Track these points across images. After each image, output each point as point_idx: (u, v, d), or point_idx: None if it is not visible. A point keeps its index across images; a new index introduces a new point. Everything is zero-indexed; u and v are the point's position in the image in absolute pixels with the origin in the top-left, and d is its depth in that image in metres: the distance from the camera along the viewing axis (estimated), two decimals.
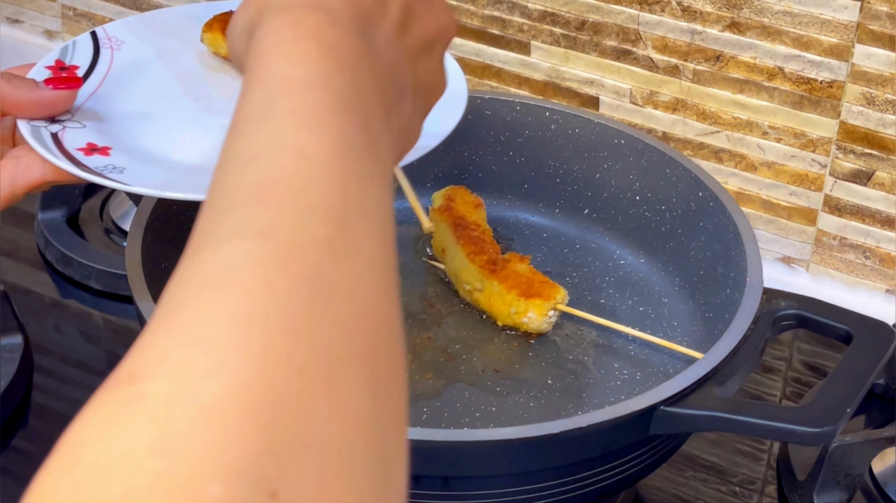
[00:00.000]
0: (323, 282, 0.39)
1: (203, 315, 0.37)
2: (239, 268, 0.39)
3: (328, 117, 0.45)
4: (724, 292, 0.86)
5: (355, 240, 0.41)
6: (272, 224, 0.40)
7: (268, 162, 0.43)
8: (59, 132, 0.74)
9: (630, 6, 1.04)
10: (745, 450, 0.92)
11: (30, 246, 1.09)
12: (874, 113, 0.99)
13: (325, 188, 0.42)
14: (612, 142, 0.97)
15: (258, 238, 0.40)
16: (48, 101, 0.73)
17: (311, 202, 0.41)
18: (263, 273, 0.39)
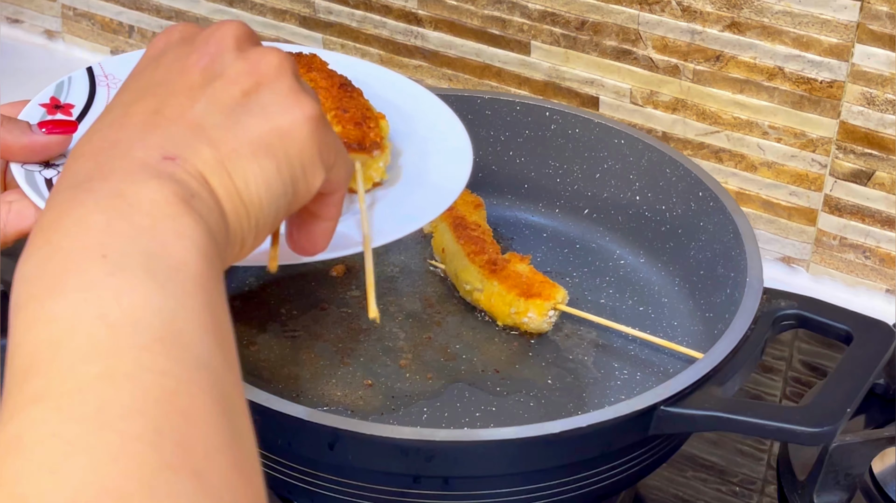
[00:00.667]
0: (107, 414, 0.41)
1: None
2: (28, 432, 0.40)
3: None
4: (724, 292, 0.86)
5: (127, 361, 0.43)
6: (46, 386, 0.42)
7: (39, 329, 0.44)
8: (53, 178, 0.70)
9: (630, 6, 1.04)
10: (745, 450, 0.92)
11: None
12: (874, 113, 0.99)
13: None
14: (612, 142, 0.97)
15: (35, 403, 0.41)
16: (41, 145, 0.70)
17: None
18: (50, 428, 0.40)
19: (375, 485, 0.74)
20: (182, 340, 0.45)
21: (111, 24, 1.29)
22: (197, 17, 1.25)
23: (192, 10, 1.25)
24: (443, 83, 1.16)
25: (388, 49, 1.17)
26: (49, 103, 0.76)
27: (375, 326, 0.82)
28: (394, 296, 0.93)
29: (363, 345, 0.88)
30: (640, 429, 0.74)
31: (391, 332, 0.89)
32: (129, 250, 0.46)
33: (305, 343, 0.88)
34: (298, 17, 1.19)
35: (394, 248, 0.98)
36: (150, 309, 0.44)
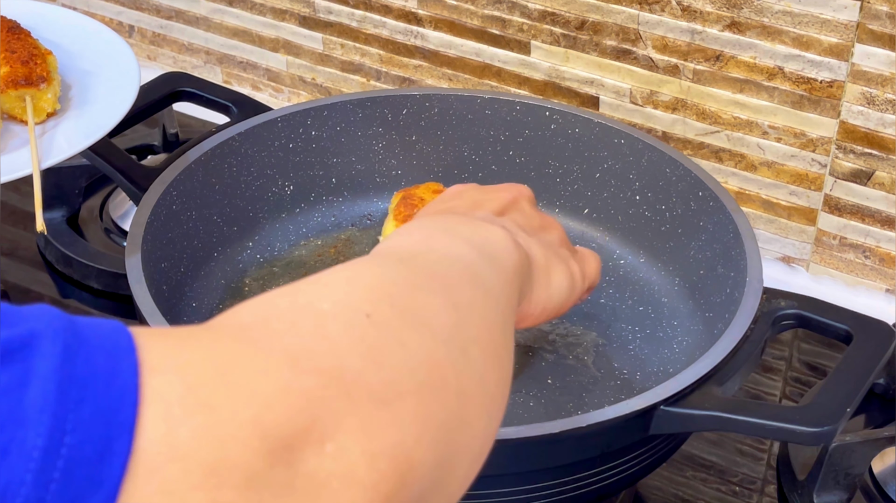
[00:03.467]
0: (411, 261, 0.54)
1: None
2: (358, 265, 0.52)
3: (416, 227, 0.60)
4: (724, 292, 0.86)
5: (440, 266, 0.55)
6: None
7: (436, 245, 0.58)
8: None
9: (630, 6, 1.04)
10: (745, 450, 0.92)
11: (30, 246, 1.09)
12: (874, 113, 0.99)
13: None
14: (612, 142, 0.97)
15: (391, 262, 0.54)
16: None
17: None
18: (368, 260, 0.53)
19: None
20: (481, 279, 0.55)
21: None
22: (197, 17, 1.25)
23: (192, 10, 1.25)
24: (443, 83, 1.16)
25: (388, 49, 1.17)
26: None
27: (42, 233, 0.87)
28: None
29: None
30: (640, 429, 0.74)
31: None
32: (473, 235, 0.59)
33: None
34: (298, 17, 1.19)
35: None
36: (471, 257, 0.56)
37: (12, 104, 0.87)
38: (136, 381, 0.40)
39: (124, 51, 0.93)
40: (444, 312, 0.50)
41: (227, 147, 0.95)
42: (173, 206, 0.90)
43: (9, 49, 0.88)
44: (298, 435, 0.41)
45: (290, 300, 0.47)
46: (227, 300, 0.92)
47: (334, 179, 1.01)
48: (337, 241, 0.99)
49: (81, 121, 0.86)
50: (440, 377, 0.47)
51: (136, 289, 0.80)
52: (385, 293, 0.49)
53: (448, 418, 0.47)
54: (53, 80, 0.87)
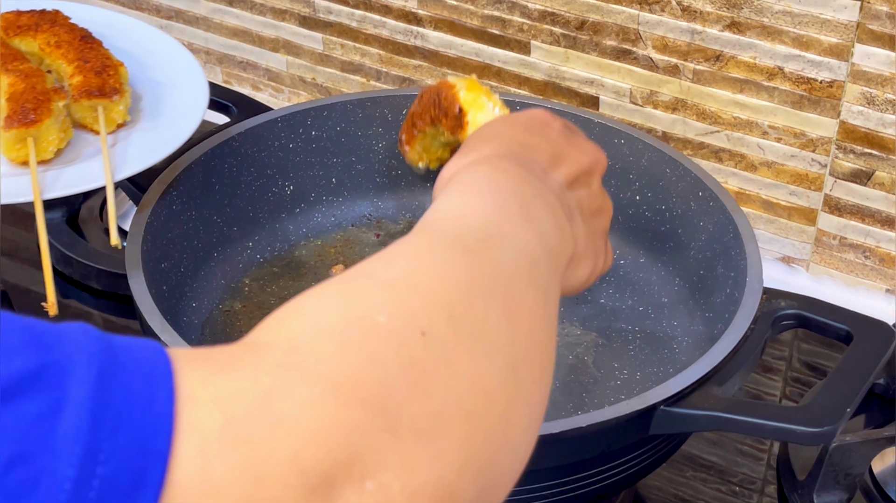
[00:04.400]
0: (475, 251, 0.51)
1: (380, 254, 0.50)
2: (409, 240, 0.51)
3: (489, 190, 0.58)
4: (724, 292, 0.86)
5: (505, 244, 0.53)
6: (440, 226, 0.54)
7: (449, 202, 0.57)
8: None
9: (630, 6, 1.04)
10: (745, 450, 0.92)
11: (30, 246, 1.09)
12: (874, 113, 0.99)
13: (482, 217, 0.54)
14: (612, 142, 0.97)
15: (427, 230, 0.53)
16: None
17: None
18: (429, 241, 0.51)
19: None
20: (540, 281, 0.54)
21: None
22: (197, 17, 1.25)
23: (192, 9, 1.25)
24: None
25: (387, 49, 1.17)
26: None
27: (117, 248, 0.86)
28: None
29: None
30: (640, 429, 0.74)
31: None
32: (544, 222, 0.58)
33: None
34: (298, 17, 1.19)
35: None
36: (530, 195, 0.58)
37: (84, 114, 0.87)
38: (171, 411, 0.39)
39: (191, 63, 0.93)
40: (501, 327, 0.48)
41: (227, 147, 0.95)
42: (173, 206, 0.90)
43: (81, 59, 0.89)
44: (339, 471, 0.40)
45: (342, 313, 0.44)
46: (227, 300, 0.92)
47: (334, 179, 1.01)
48: (337, 240, 0.99)
49: (153, 133, 0.87)
50: (488, 404, 0.46)
51: (136, 290, 0.80)
52: (445, 303, 0.47)
53: (493, 446, 0.45)
54: (126, 92, 0.88)
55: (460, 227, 0.53)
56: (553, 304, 0.54)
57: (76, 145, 0.86)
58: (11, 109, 0.84)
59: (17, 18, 0.93)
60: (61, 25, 0.92)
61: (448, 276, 0.48)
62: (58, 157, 0.85)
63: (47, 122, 0.83)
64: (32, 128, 0.82)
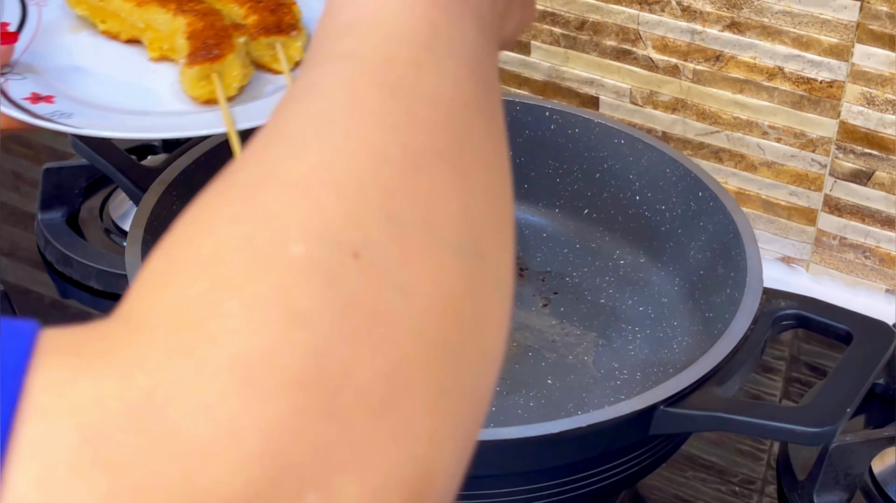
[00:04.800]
0: (405, 89, 0.40)
1: (286, 118, 0.40)
2: (322, 81, 0.41)
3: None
4: (724, 292, 0.86)
5: (440, 61, 0.42)
6: (356, 47, 0.42)
7: (354, 6, 0.44)
8: (1, 83, 0.76)
9: (630, 6, 1.04)
10: (745, 450, 0.92)
11: (30, 246, 1.09)
12: (874, 113, 0.99)
13: (409, 20, 0.43)
14: (612, 142, 0.97)
15: (342, 58, 0.42)
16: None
17: (396, 30, 0.43)
18: (345, 82, 0.41)
19: None
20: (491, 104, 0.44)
21: None
22: None
23: None
24: None
25: None
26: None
27: None
28: None
29: None
30: (640, 429, 0.74)
31: None
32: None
33: None
34: None
35: None
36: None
37: (262, 52, 0.85)
38: (5, 428, 0.29)
39: None
40: (455, 198, 0.38)
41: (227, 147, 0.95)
42: (173, 206, 0.90)
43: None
44: (258, 493, 0.29)
45: (245, 254, 0.34)
46: None
47: None
48: None
49: None
50: (457, 323, 0.36)
51: None
52: (378, 194, 0.36)
53: (470, 378, 0.37)
54: (302, 29, 0.86)
55: (381, 48, 0.42)
56: (499, 110, 0.44)
57: (255, 85, 0.85)
58: (193, 46, 0.82)
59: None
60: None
61: (378, 150, 0.38)
62: (240, 95, 0.83)
63: (231, 56, 0.81)
64: (217, 63, 0.81)
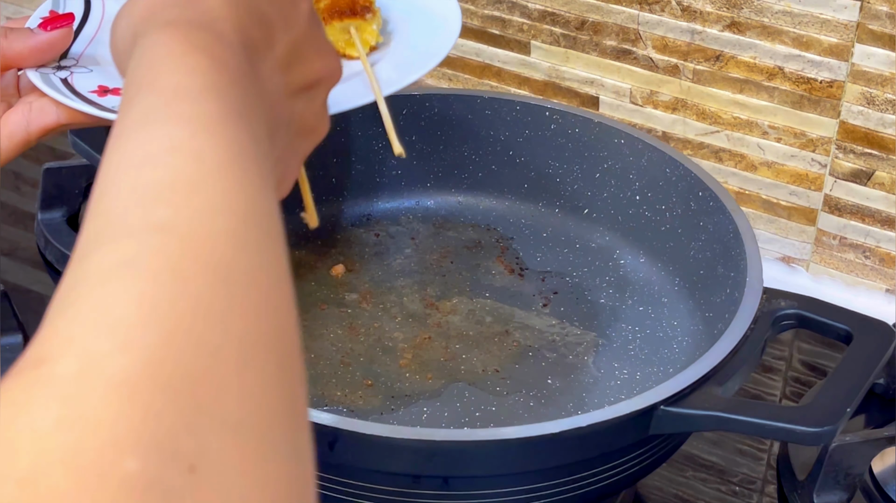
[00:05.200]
0: (231, 271, 0.38)
1: (108, 301, 0.36)
2: (143, 258, 0.38)
3: (222, 124, 0.45)
4: (724, 292, 0.86)
5: (258, 234, 0.41)
6: (174, 219, 0.39)
7: (164, 164, 0.42)
8: (67, 77, 0.75)
9: (630, 6, 1.04)
10: (745, 450, 0.92)
11: (30, 246, 1.09)
12: (874, 113, 0.99)
13: (223, 187, 0.41)
14: (612, 142, 0.97)
15: (160, 232, 0.39)
16: (46, 43, 0.73)
17: (212, 199, 0.41)
18: (169, 261, 0.38)
19: (375, 485, 0.74)
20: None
21: None
22: None
23: None
24: (443, 83, 1.16)
25: None
26: (49, 16, 0.80)
27: (402, 157, 0.83)
28: (394, 296, 0.93)
29: (363, 345, 0.88)
30: (640, 429, 0.74)
31: (391, 332, 0.89)
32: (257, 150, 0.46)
33: (305, 343, 0.88)
34: None
35: (394, 245, 0.98)
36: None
37: (336, 37, 0.83)
38: None
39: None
40: (283, 398, 0.37)
41: None
42: None
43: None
44: None
45: (68, 452, 0.31)
46: None
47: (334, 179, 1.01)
48: (337, 240, 0.99)
49: (407, 53, 0.83)
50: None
51: None
52: (213, 395, 0.35)
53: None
54: (377, 12, 0.85)
55: (200, 221, 0.40)
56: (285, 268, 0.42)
57: None
58: (327, 6, 0.82)
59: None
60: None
61: (208, 343, 0.36)
62: None
63: (370, 15, 0.81)
64: (356, 20, 0.80)
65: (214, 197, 0.41)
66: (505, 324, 0.91)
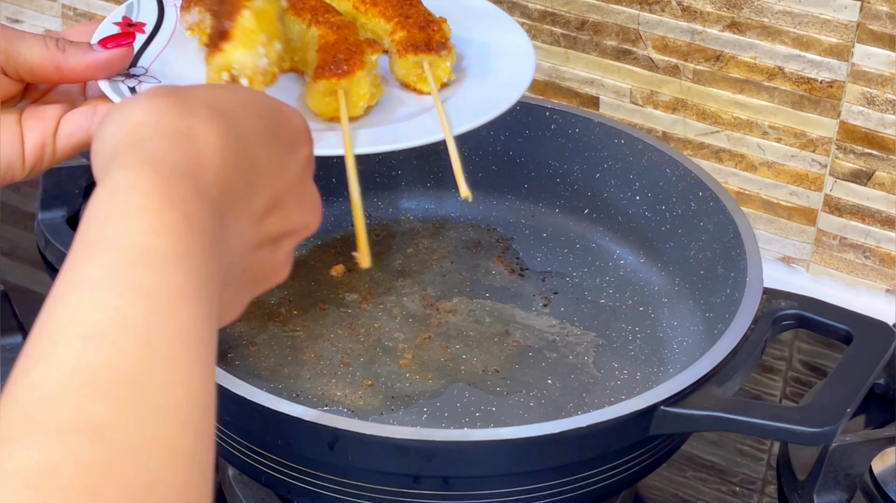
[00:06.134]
0: (157, 491, 0.36)
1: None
2: (65, 470, 0.35)
3: (182, 302, 0.43)
4: (724, 292, 0.86)
5: (195, 441, 0.39)
6: (108, 421, 0.37)
7: (111, 344, 0.40)
8: (135, 86, 0.74)
9: (630, 6, 1.04)
10: (745, 450, 0.92)
11: (30, 246, 1.09)
12: (874, 113, 0.99)
13: (167, 383, 0.40)
14: (612, 142, 0.97)
15: (91, 437, 0.36)
16: (103, 62, 0.73)
17: (153, 399, 0.39)
18: (89, 481, 0.35)
19: (375, 485, 0.74)
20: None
21: None
22: None
23: None
24: None
25: None
26: (121, 22, 0.79)
27: (468, 200, 0.79)
28: (394, 296, 0.93)
29: (363, 345, 0.88)
30: (640, 429, 0.74)
31: (391, 332, 0.89)
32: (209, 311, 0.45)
33: (305, 343, 0.88)
34: None
35: (394, 246, 0.98)
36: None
37: (408, 71, 0.81)
38: None
39: (512, 26, 0.86)
40: None
41: None
42: None
43: (402, 14, 0.83)
44: None
45: None
46: None
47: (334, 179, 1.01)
48: (337, 241, 0.99)
49: (480, 92, 0.81)
50: None
51: None
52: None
53: None
54: (452, 48, 0.82)
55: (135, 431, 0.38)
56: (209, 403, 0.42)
57: (388, 105, 0.81)
58: (322, 60, 0.79)
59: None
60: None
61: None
62: (366, 116, 0.79)
63: (359, 73, 0.78)
64: (343, 79, 0.77)
65: (157, 396, 0.39)
66: (505, 325, 0.91)
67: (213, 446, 0.41)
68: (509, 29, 0.86)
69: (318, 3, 0.83)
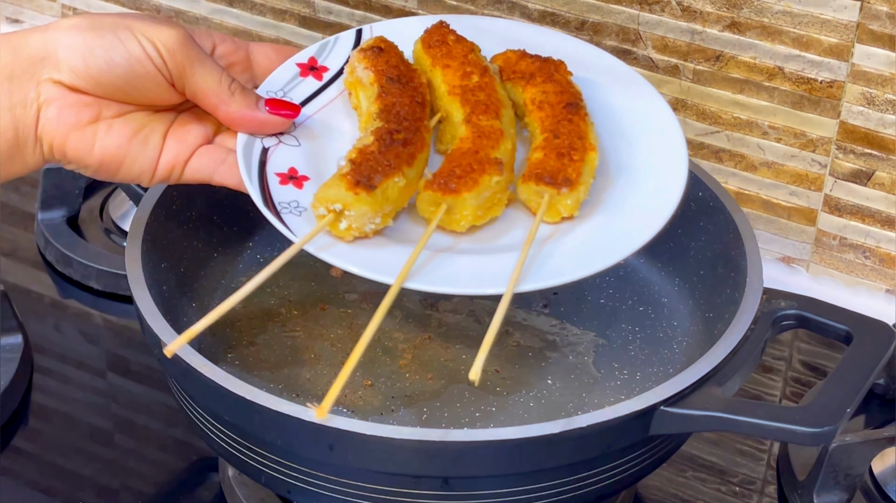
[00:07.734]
0: None
1: None
2: None
3: None
4: (724, 292, 0.86)
5: None
6: None
7: None
8: (271, 147, 0.74)
9: (630, 6, 1.04)
10: (745, 450, 0.92)
11: (30, 246, 1.09)
12: (874, 113, 0.99)
13: None
14: None
15: None
16: (259, 123, 0.74)
17: None
18: None
19: (375, 485, 0.74)
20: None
21: None
22: (197, 18, 1.25)
23: (192, 10, 1.25)
24: None
25: None
26: (306, 63, 0.77)
27: (474, 385, 0.75)
28: None
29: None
30: (640, 429, 0.74)
31: (391, 332, 0.89)
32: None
33: (305, 343, 0.88)
34: (298, 17, 1.19)
35: None
36: None
37: (529, 196, 0.76)
38: None
39: (674, 131, 0.80)
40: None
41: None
42: (173, 206, 0.90)
43: (553, 131, 0.77)
44: None
45: None
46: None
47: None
48: None
49: (598, 234, 0.75)
50: None
51: (136, 290, 0.80)
52: None
53: None
54: (580, 186, 0.75)
55: None
56: None
57: (499, 225, 0.76)
58: (442, 168, 0.75)
59: (518, 60, 0.82)
60: (556, 82, 0.80)
61: None
62: (478, 231, 0.75)
63: (467, 195, 0.73)
64: (449, 196, 0.73)
65: None
66: (505, 325, 0.91)
67: None
68: (668, 132, 0.79)
69: (488, 96, 0.78)
